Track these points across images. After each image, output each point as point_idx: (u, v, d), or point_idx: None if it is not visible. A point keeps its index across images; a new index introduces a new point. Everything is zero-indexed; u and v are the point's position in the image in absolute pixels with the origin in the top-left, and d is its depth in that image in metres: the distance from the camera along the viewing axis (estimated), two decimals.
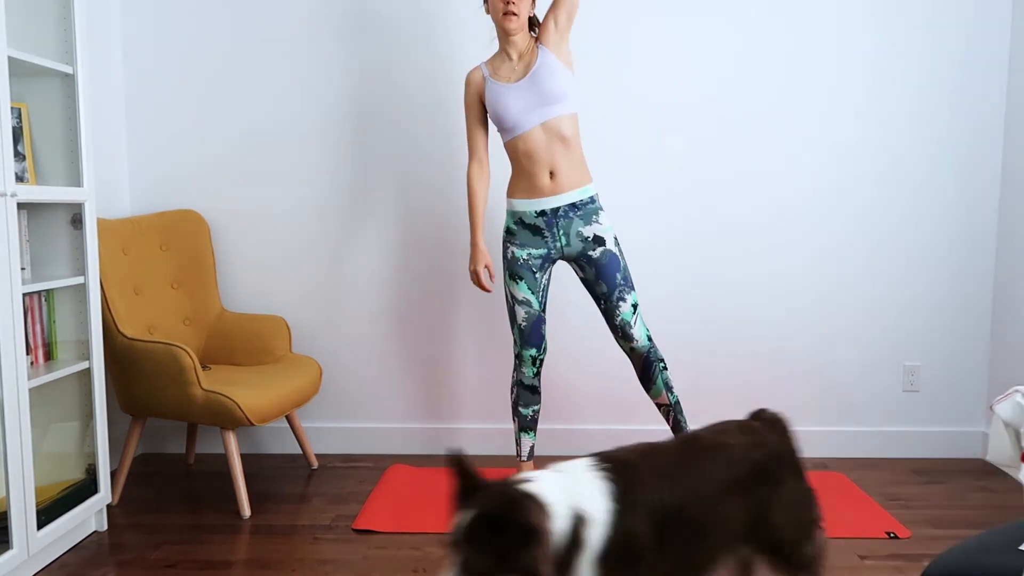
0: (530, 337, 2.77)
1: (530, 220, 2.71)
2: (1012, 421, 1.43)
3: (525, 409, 2.85)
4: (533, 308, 2.76)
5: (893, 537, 2.57)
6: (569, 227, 2.69)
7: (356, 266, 3.35)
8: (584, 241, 2.69)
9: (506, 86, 2.68)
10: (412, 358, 3.39)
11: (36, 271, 2.49)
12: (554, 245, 2.71)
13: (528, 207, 2.70)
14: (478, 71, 2.77)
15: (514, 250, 2.74)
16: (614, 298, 2.70)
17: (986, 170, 3.28)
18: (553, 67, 2.66)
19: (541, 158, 2.65)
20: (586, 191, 2.70)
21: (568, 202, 2.67)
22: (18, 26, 2.36)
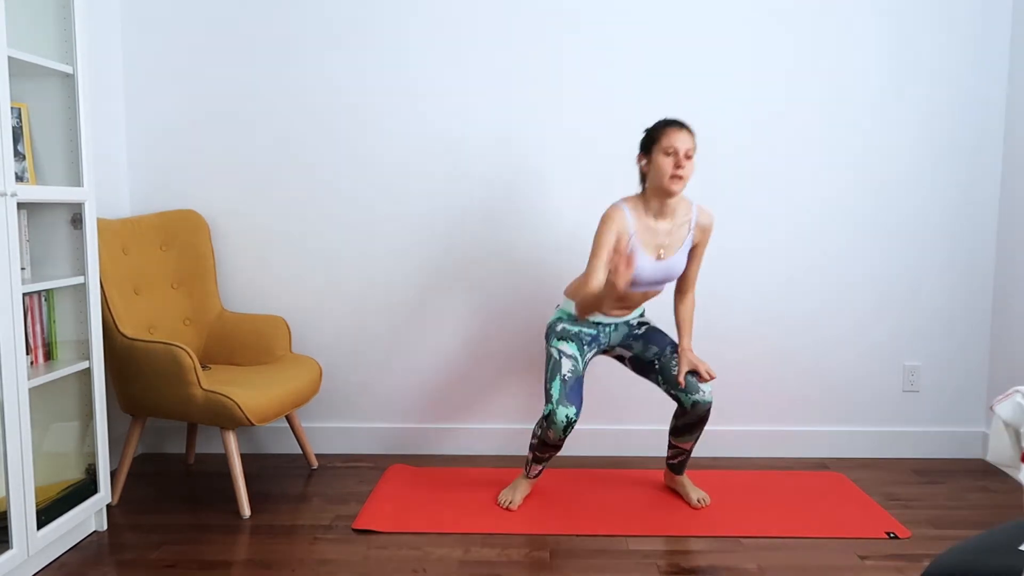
0: (571, 392, 2.64)
1: (585, 324, 2.80)
2: (1012, 421, 1.43)
3: (542, 455, 2.77)
4: (579, 365, 2.71)
5: (893, 537, 2.57)
6: (618, 329, 2.83)
7: (356, 266, 3.35)
8: (628, 326, 2.83)
9: (646, 257, 2.65)
10: (412, 358, 3.39)
11: (36, 271, 2.49)
12: (605, 340, 2.82)
13: (590, 318, 2.78)
14: (623, 217, 2.62)
15: (566, 325, 2.79)
16: (667, 352, 2.76)
17: (986, 171, 3.28)
18: (684, 255, 2.71)
19: (623, 301, 2.74)
20: (641, 310, 2.88)
21: (624, 320, 2.82)
22: (18, 26, 2.36)
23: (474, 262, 3.33)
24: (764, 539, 2.58)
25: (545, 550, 2.49)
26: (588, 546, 2.52)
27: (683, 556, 2.45)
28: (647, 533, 2.61)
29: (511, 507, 2.80)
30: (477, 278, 3.34)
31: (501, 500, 2.84)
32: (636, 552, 2.48)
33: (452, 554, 2.46)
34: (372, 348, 3.38)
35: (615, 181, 3.26)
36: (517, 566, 2.38)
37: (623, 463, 3.25)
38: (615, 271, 2.35)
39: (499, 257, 3.32)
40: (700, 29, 3.23)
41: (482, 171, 3.29)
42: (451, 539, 2.57)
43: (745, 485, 3.01)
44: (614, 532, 2.61)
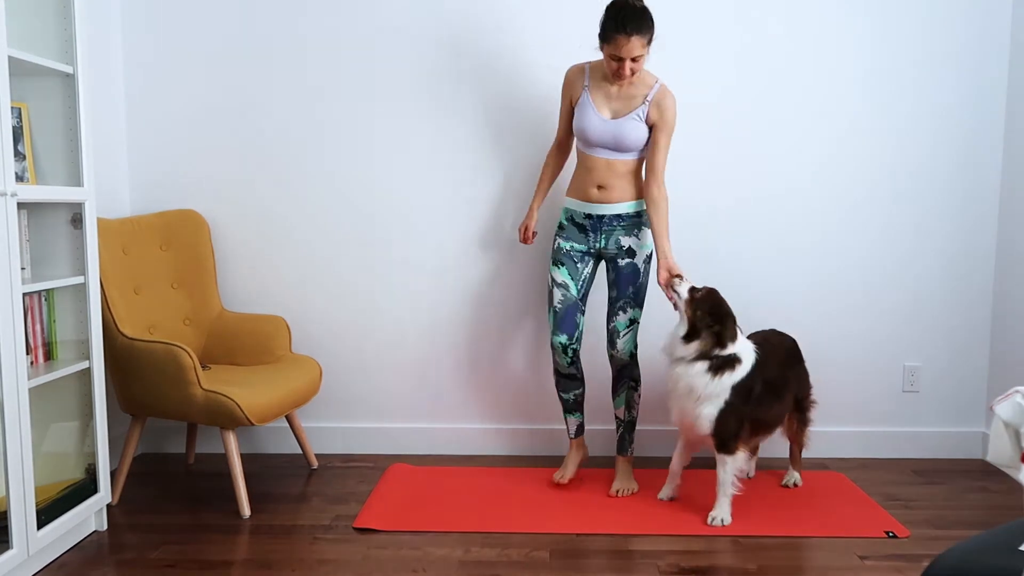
0: (562, 322, 2.86)
1: (579, 219, 2.90)
2: (1012, 421, 1.43)
3: (566, 393, 2.99)
4: (570, 292, 2.87)
5: (892, 537, 2.57)
6: (611, 234, 2.87)
7: (356, 266, 3.35)
8: (619, 248, 2.87)
9: (595, 112, 2.77)
10: (412, 358, 3.39)
11: (36, 271, 2.49)
12: (594, 245, 2.89)
13: (579, 208, 2.89)
14: (582, 73, 2.83)
15: (560, 241, 2.93)
16: (617, 305, 2.89)
17: (986, 171, 3.28)
18: (638, 127, 2.75)
19: (595, 176, 2.83)
20: (632, 206, 2.86)
21: (614, 213, 2.85)
22: (18, 26, 2.36)
23: (474, 262, 3.33)
24: (764, 539, 2.58)
25: (545, 550, 2.49)
26: (588, 546, 2.52)
27: (683, 556, 2.45)
28: (647, 533, 2.61)
29: (562, 480, 2.98)
30: (477, 278, 3.34)
31: (555, 476, 3.01)
32: (636, 552, 2.48)
33: (452, 554, 2.46)
34: (372, 348, 3.38)
35: None
36: (517, 566, 2.38)
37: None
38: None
39: (500, 257, 3.32)
40: (702, 29, 3.23)
41: (483, 170, 3.29)
42: (451, 539, 2.57)
43: (745, 485, 3.00)
44: (614, 532, 2.61)
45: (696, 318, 2.65)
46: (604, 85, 2.79)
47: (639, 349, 2.97)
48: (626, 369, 2.94)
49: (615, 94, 2.78)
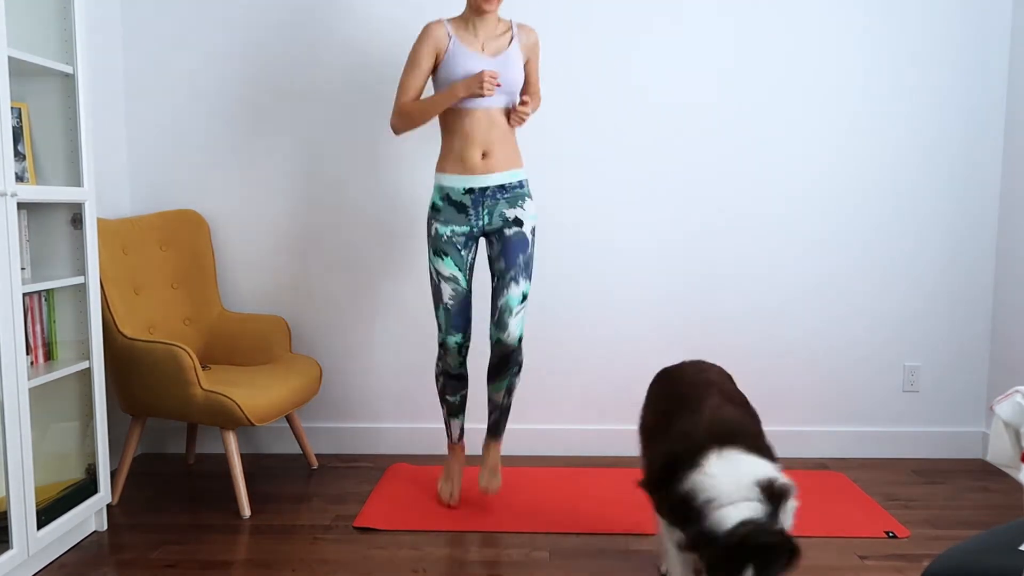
0: (455, 320, 2.69)
1: (456, 197, 2.68)
2: (1012, 421, 1.43)
3: (453, 396, 2.82)
4: (460, 285, 2.69)
5: (892, 537, 2.57)
6: (494, 207, 2.68)
7: (356, 266, 3.35)
8: (504, 220, 2.69)
9: (473, 54, 2.63)
10: (412, 358, 3.38)
11: (36, 271, 2.49)
12: (476, 223, 2.69)
13: (457, 183, 2.67)
14: (441, 27, 2.67)
15: (438, 227, 2.70)
16: (507, 277, 2.67)
17: (986, 170, 3.28)
18: (519, 60, 2.69)
19: (477, 137, 2.64)
20: (516, 174, 2.71)
21: (497, 183, 2.67)
22: (18, 26, 2.36)
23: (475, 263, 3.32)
24: None
25: (545, 550, 2.49)
26: (588, 546, 2.52)
27: None
28: (647, 533, 2.60)
29: (452, 502, 2.80)
30: (479, 278, 3.33)
31: (441, 494, 2.83)
32: (636, 552, 2.48)
33: (452, 554, 2.46)
34: (372, 348, 3.38)
35: (614, 177, 3.26)
36: (517, 566, 2.38)
37: (623, 462, 3.25)
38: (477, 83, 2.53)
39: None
40: (700, 26, 3.23)
41: None
42: (451, 539, 2.57)
43: None
44: (614, 532, 2.61)
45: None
46: (467, 33, 2.67)
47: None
48: (514, 355, 2.69)
49: (483, 37, 2.66)
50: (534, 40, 2.77)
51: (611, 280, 3.31)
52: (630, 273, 3.31)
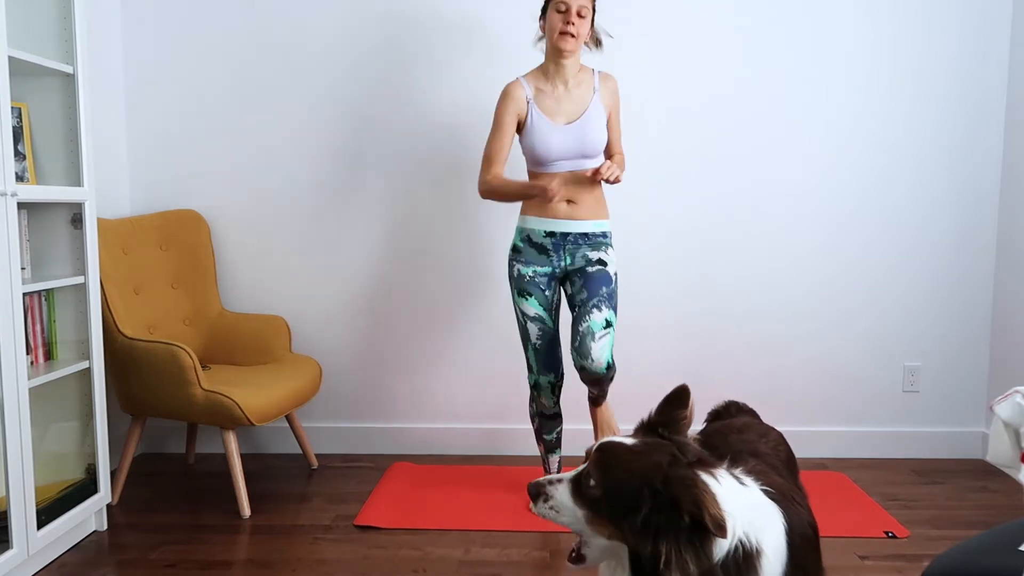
0: (546, 359, 2.66)
1: (538, 239, 2.66)
2: (1012, 421, 1.43)
3: (549, 435, 2.83)
4: (547, 325, 2.67)
5: (892, 537, 2.57)
6: (576, 251, 2.66)
7: (356, 266, 3.35)
8: (587, 260, 2.64)
9: (552, 125, 2.60)
10: (412, 358, 3.38)
11: (36, 271, 2.49)
12: (558, 264, 2.66)
13: (539, 225, 2.64)
14: (521, 89, 2.63)
15: (519, 267, 2.68)
16: (589, 304, 2.55)
17: (986, 170, 3.28)
18: (601, 118, 2.62)
19: (563, 190, 2.59)
20: (601, 225, 2.68)
21: (581, 231, 2.64)
22: (18, 26, 2.36)
23: (475, 262, 3.33)
24: None
25: (545, 550, 2.49)
26: None
27: None
28: None
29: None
30: (478, 278, 3.33)
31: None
32: None
33: (452, 554, 2.46)
34: (372, 348, 3.38)
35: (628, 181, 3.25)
36: (517, 566, 2.38)
37: None
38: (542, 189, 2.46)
39: (503, 259, 3.32)
40: (702, 29, 3.23)
41: None
42: (451, 539, 2.57)
43: None
44: None
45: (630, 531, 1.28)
46: (548, 90, 2.63)
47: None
48: (601, 384, 2.60)
49: (562, 96, 2.63)
50: (613, 88, 2.70)
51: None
52: (630, 273, 3.31)
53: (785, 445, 1.77)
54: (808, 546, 1.41)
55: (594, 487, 1.30)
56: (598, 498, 1.30)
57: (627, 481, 1.28)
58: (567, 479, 1.35)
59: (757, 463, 1.52)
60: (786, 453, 1.73)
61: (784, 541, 1.32)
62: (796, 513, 1.40)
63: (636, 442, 1.36)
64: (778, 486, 1.43)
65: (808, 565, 1.39)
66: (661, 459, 1.29)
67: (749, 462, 1.51)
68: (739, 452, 1.58)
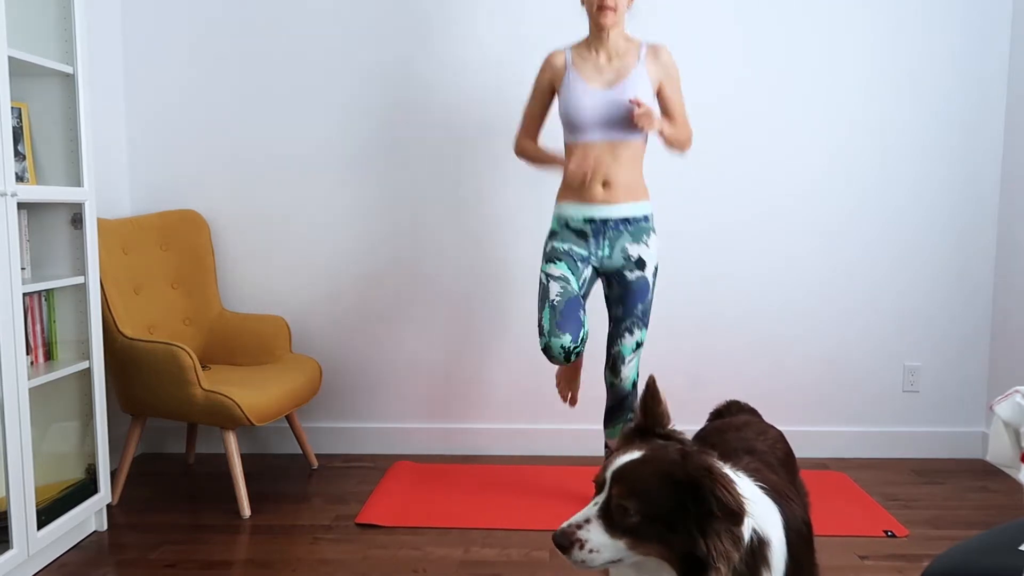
0: (562, 319, 2.43)
1: (576, 225, 2.58)
2: (1012, 421, 1.43)
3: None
4: (570, 286, 2.51)
5: (891, 536, 2.57)
6: (616, 240, 2.57)
7: (356, 266, 3.35)
8: (626, 259, 2.57)
9: (589, 88, 2.51)
10: (412, 358, 3.38)
11: (36, 271, 2.49)
12: (596, 252, 2.57)
13: (577, 212, 2.57)
14: (561, 56, 2.59)
15: (554, 243, 2.60)
16: (623, 327, 2.60)
17: (986, 171, 3.28)
18: (644, 87, 2.51)
19: (599, 168, 2.52)
20: (641, 208, 2.59)
21: (620, 216, 2.55)
22: (18, 26, 2.36)
23: (476, 262, 3.33)
24: None
25: (545, 550, 2.49)
26: None
27: None
28: None
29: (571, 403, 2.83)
30: (479, 278, 3.33)
31: (560, 394, 2.85)
32: None
33: (452, 554, 2.46)
34: (372, 348, 3.38)
35: None
36: (517, 566, 2.38)
37: None
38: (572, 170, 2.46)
39: (502, 257, 3.32)
40: (702, 28, 3.23)
41: (487, 171, 3.28)
42: (451, 539, 2.57)
43: None
44: None
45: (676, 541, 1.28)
46: (590, 58, 2.55)
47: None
48: (627, 400, 2.64)
49: (603, 65, 2.54)
50: (666, 60, 2.57)
51: None
52: None
53: (783, 443, 1.78)
54: (802, 542, 1.43)
55: (631, 514, 1.27)
56: (637, 524, 1.27)
57: (661, 498, 1.26)
58: (594, 517, 1.31)
59: (752, 460, 1.54)
60: (783, 451, 1.74)
61: (783, 535, 1.36)
62: (791, 510, 1.43)
63: (643, 454, 1.33)
64: (772, 483, 1.45)
65: (803, 561, 1.41)
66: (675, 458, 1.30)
67: (744, 459, 1.52)
68: (735, 450, 1.59)
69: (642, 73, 2.53)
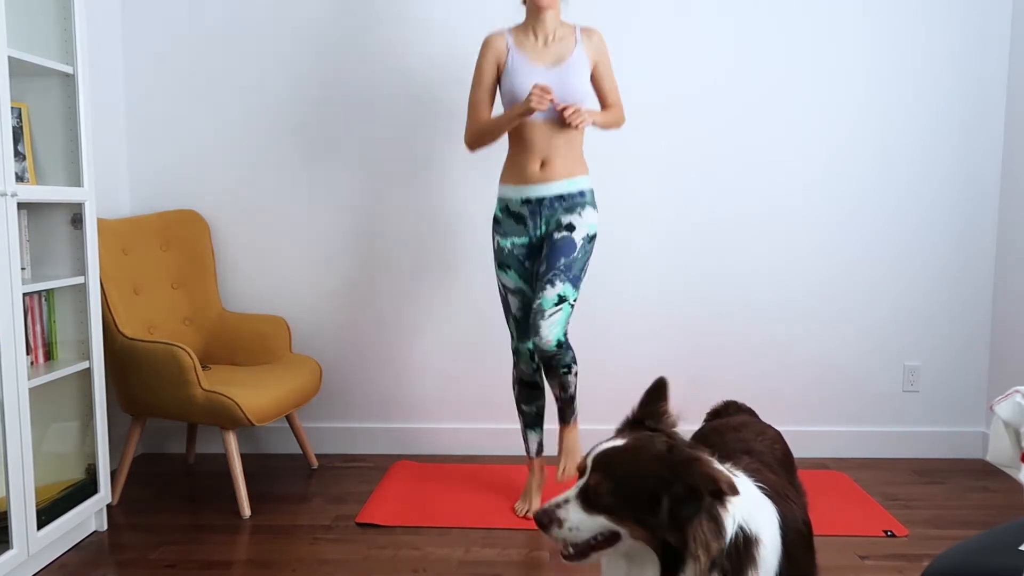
0: (525, 328, 2.65)
1: (515, 208, 2.64)
2: (1012, 421, 1.43)
3: (528, 406, 2.79)
4: (527, 296, 2.66)
5: (891, 536, 2.57)
6: (552, 216, 2.62)
7: (356, 266, 3.35)
8: (557, 225, 2.61)
9: (532, 65, 2.58)
10: (412, 358, 3.38)
11: (36, 271, 2.49)
12: (535, 233, 2.64)
13: (515, 194, 2.64)
14: (501, 38, 2.65)
15: (499, 239, 2.68)
16: (544, 280, 2.53)
17: (986, 170, 3.28)
18: (583, 67, 2.61)
19: (537, 147, 2.59)
20: (576, 183, 2.62)
21: (555, 193, 2.60)
22: (18, 26, 2.36)
23: (476, 263, 3.33)
24: None
25: (545, 550, 2.49)
26: None
27: None
28: None
29: (528, 514, 2.67)
30: (480, 278, 3.33)
31: (518, 510, 2.74)
32: None
33: (452, 554, 2.46)
34: (372, 348, 3.38)
35: (615, 175, 3.25)
36: (517, 566, 2.38)
37: None
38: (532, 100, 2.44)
39: None
40: (697, 22, 3.23)
41: (489, 171, 3.28)
42: (451, 539, 2.57)
43: None
44: None
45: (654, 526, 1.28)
46: (528, 42, 2.62)
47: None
48: (556, 359, 2.55)
49: (542, 49, 2.61)
50: (597, 40, 2.67)
51: (612, 280, 3.30)
52: (631, 273, 3.31)
53: (781, 443, 1.78)
54: (801, 542, 1.43)
55: (605, 495, 1.29)
56: (612, 504, 1.29)
57: (637, 480, 1.28)
58: (572, 497, 1.33)
59: (751, 460, 1.54)
60: (782, 451, 1.74)
61: (778, 535, 1.35)
62: (789, 510, 1.42)
63: (627, 441, 1.36)
64: (771, 483, 1.45)
65: (801, 561, 1.40)
66: (660, 448, 1.31)
67: (743, 459, 1.52)
68: (733, 450, 1.58)
69: (581, 55, 2.63)
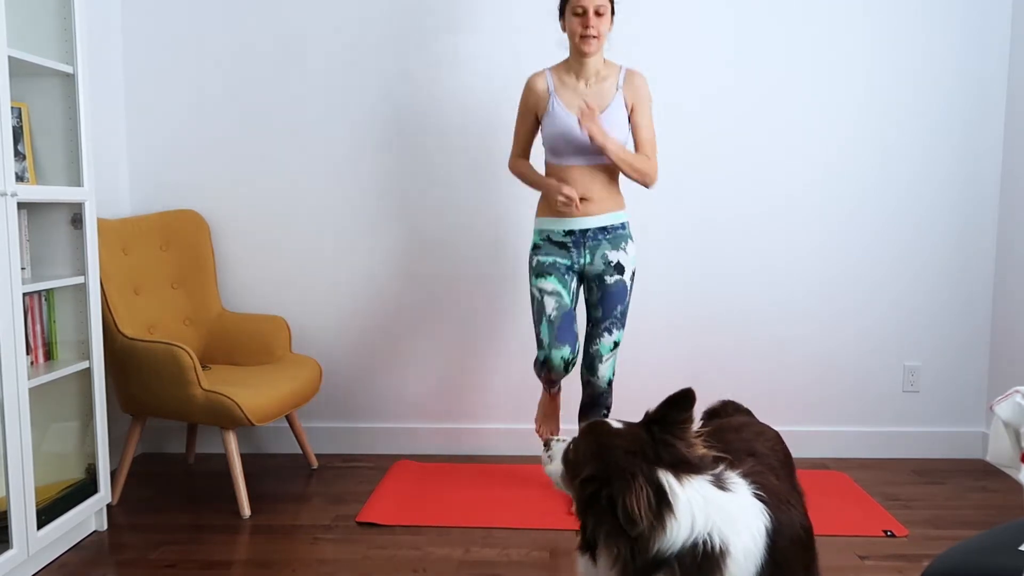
0: (560, 332, 2.59)
1: (557, 238, 2.70)
2: (1012, 421, 1.43)
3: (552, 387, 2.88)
4: (564, 300, 2.65)
5: (891, 536, 2.57)
6: (597, 248, 2.68)
7: (356, 266, 3.35)
8: (606, 264, 2.68)
9: (569, 115, 2.61)
10: (412, 358, 3.38)
11: (36, 271, 2.49)
12: (578, 260, 2.69)
13: (557, 226, 2.69)
14: (543, 80, 2.68)
15: (539, 257, 2.72)
16: (602, 327, 2.70)
17: (986, 170, 3.28)
18: (621, 116, 2.63)
19: (576, 187, 2.62)
20: (617, 216, 2.70)
21: (599, 225, 2.67)
22: (18, 26, 2.36)
23: (476, 262, 3.33)
24: None
25: (545, 549, 2.49)
26: None
27: None
28: None
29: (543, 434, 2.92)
30: (479, 278, 3.33)
31: (539, 432, 2.96)
32: None
33: (452, 554, 2.46)
34: (372, 348, 3.38)
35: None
36: (517, 566, 2.38)
37: None
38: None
39: (503, 256, 3.32)
40: (698, 24, 3.23)
41: (486, 175, 3.28)
42: (451, 538, 2.57)
43: None
44: None
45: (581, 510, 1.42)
46: (569, 82, 2.66)
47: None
48: (602, 397, 2.75)
49: (584, 90, 2.65)
50: (639, 85, 2.67)
51: None
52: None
53: (782, 444, 1.80)
54: (797, 547, 1.44)
55: (571, 451, 1.52)
56: (570, 461, 1.51)
57: (589, 456, 1.44)
58: (568, 441, 1.57)
59: (755, 464, 1.56)
60: (783, 453, 1.76)
61: (763, 543, 1.36)
62: (787, 515, 1.44)
63: (621, 427, 1.48)
64: (773, 489, 1.47)
65: (794, 566, 1.41)
66: (623, 448, 1.41)
67: (747, 463, 1.54)
68: (736, 451, 1.60)
69: (619, 102, 2.66)
